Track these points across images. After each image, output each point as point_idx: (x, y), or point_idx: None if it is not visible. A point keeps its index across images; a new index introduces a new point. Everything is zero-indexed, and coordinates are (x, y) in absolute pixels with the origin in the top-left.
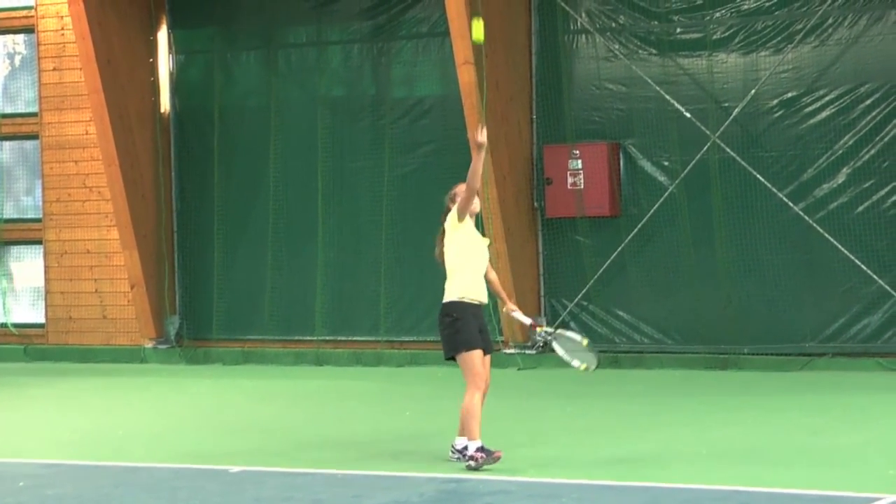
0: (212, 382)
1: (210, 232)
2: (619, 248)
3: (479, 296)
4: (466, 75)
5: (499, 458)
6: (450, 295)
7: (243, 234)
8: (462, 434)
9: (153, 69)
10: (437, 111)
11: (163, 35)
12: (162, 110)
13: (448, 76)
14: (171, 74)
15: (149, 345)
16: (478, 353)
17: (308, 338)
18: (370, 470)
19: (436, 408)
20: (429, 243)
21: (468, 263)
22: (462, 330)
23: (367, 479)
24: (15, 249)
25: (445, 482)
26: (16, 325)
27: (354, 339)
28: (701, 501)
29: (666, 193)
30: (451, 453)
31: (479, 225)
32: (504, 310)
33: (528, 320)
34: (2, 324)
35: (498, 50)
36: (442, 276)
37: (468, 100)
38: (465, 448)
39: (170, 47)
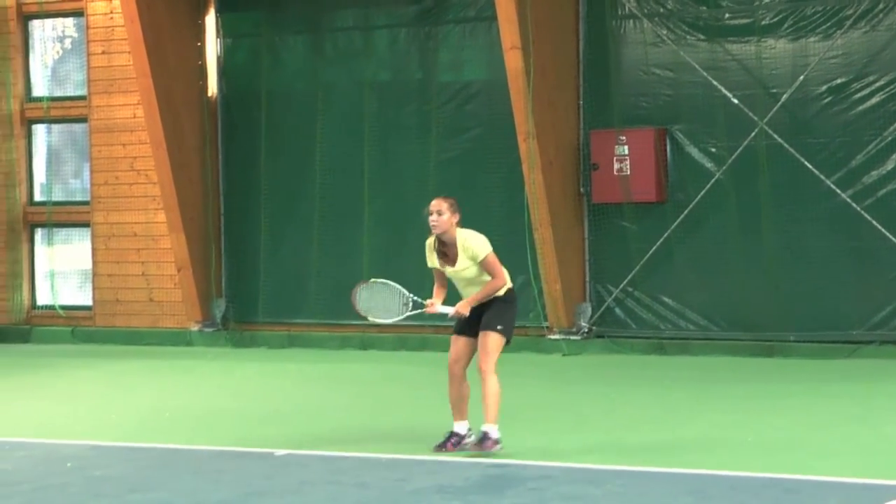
0: (257, 366)
1: (257, 215)
2: (666, 235)
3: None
4: (513, 60)
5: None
6: None
7: (290, 218)
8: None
9: (201, 53)
10: (484, 96)
11: (210, 19)
12: (209, 94)
13: (495, 61)
14: (218, 58)
15: (195, 328)
16: (454, 337)
17: (353, 322)
18: (415, 454)
19: (479, 392)
20: (475, 226)
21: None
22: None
23: (411, 464)
24: (63, 232)
25: (490, 467)
26: (63, 308)
27: (399, 323)
28: (746, 489)
29: (713, 180)
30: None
31: (526, 210)
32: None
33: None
34: (49, 305)
35: (545, 35)
36: None
37: (515, 85)
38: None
39: (217, 31)
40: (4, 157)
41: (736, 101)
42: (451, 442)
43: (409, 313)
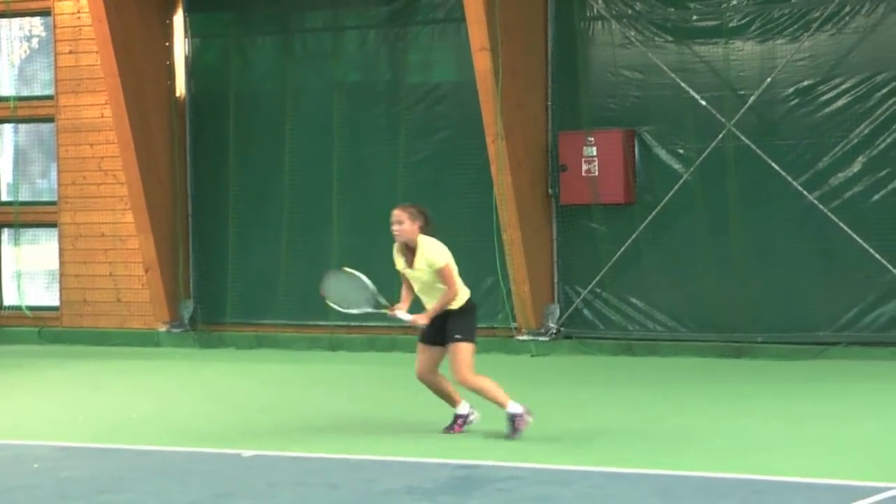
0: (225, 366)
1: (225, 216)
2: (634, 236)
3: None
4: (482, 61)
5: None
6: None
7: (258, 219)
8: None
9: (169, 53)
10: (453, 97)
11: (179, 18)
12: (178, 94)
13: (464, 62)
14: (186, 58)
15: (163, 328)
16: (421, 346)
17: (322, 323)
18: (383, 455)
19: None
20: (444, 228)
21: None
22: None
23: (380, 465)
24: (30, 232)
25: (458, 468)
26: (30, 308)
27: (369, 324)
28: (713, 490)
29: (681, 181)
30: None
31: (495, 211)
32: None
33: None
34: (16, 306)
35: (514, 36)
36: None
37: (484, 86)
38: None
39: (186, 31)
40: None
41: (704, 102)
42: (458, 423)
43: (367, 310)
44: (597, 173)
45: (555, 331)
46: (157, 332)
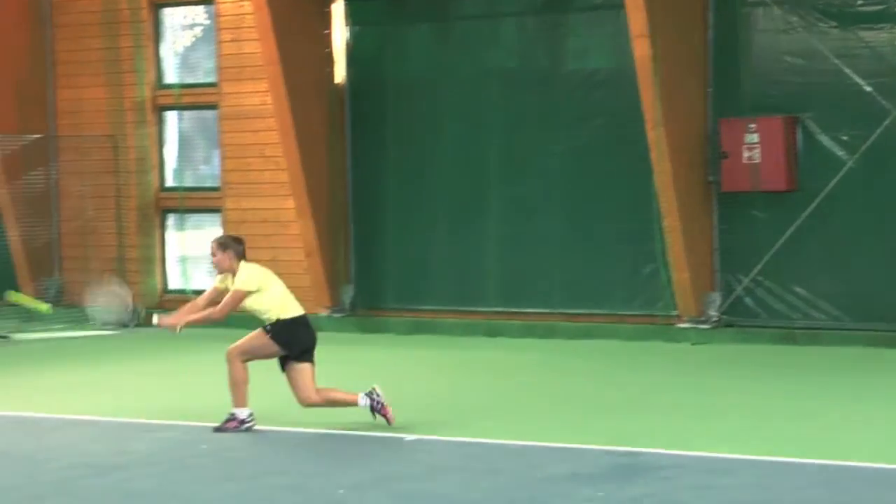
0: (385, 351)
1: (384, 201)
2: (796, 224)
3: None
4: (641, 48)
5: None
6: None
7: (417, 204)
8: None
9: (328, 41)
10: (611, 84)
11: (338, 6)
12: (337, 81)
13: (622, 49)
14: (346, 46)
15: (324, 313)
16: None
17: (480, 309)
18: (545, 441)
19: (609, 380)
20: (601, 215)
21: None
22: None
23: (542, 451)
24: (194, 217)
25: (621, 455)
26: (195, 292)
27: (527, 310)
28: (883, 481)
29: (844, 168)
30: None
31: (654, 199)
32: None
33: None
34: (181, 290)
35: (673, 22)
36: (617, 251)
37: (642, 73)
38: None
39: (345, 19)
40: (137, 144)
41: (869, 88)
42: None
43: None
44: (758, 160)
45: (716, 319)
46: (318, 317)
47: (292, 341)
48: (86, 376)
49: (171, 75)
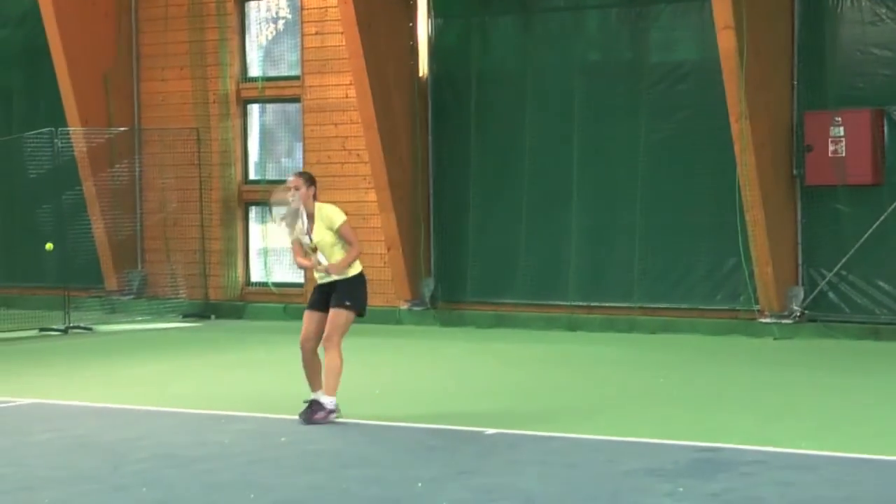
0: (465, 345)
1: (465, 195)
2: (882, 218)
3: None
4: (726, 40)
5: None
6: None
7: (498, 198)
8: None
9: (412, 33)
10: (696, 76)
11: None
12: (420, 74)
13: (707, 41)
14: (429, 38)
15: (404, 306)
16: (309, 313)
17: (561, 303)
18: (623, 436)
19: (690, 375)
20: (684, 208)
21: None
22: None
23: (620, 445)
24: (277, 210)
25: (701, 450)
26: (276, 285)
27: (607, 304)
28: None
29: None
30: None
31: (737, 192)
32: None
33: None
34: (263, 283)
35: (759, 15)
36: (699, 245)
37: (728, 65)
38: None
39: (429, 11)
40: (220, 137)
41: None
42: (316, 411)
43: (293, 234)
44: (843, 154)
45: (799, 313)
46: (398, 310)
47: (363, 301)
48: (167, 367)
49: (255, 68)
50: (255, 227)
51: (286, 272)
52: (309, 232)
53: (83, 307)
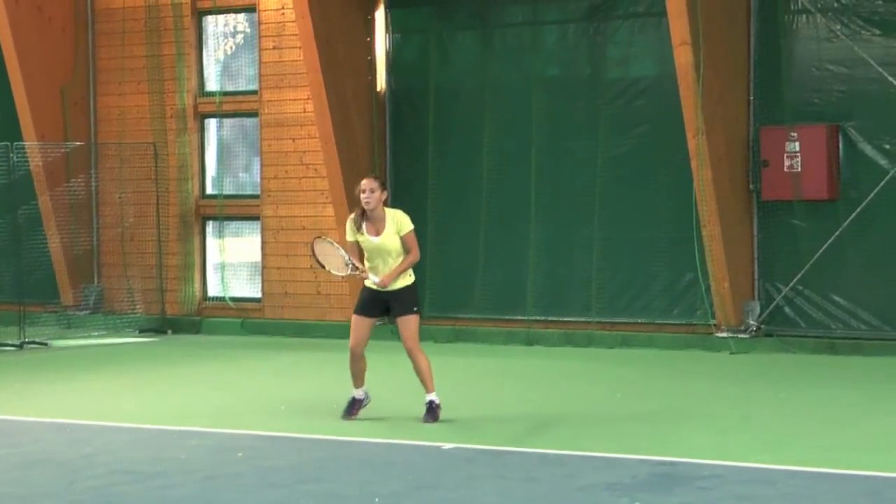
0: None
1: (423, 210)
2: (837, 233)
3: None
4: (683, 56)
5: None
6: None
7: (456, 213)
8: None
9: (370, 48)
10: (653, 92)
11: (380, 14)
12: (378, 89)
13: (664, 57)
14: (387, 53)
15: None
16: (358, 318)
17: (519, 317)
18: (582, 451)
19: (648, 390)
20: (641, 223)
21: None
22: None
23: (579, 460)
24: (233, 224)
25: (658, 464)
26: (233, 299)
27: (566, 319)
28: None
29: (887, 177)
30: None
31: (694, 207)
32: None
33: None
34: (220, 297)
35: (716, 30)
36: (656, 259)
37: (685, 81)
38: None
39: (387, 26)
40: (178, 151)
41: None
42: (356, 408)
43: (350, 273)
44: (799, 169)
45: (755, 328)
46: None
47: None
48: (123, 383)
49: (213, 83)
50: (212, 242)
51: (243, 287)
52: (378, 233)
53: (39, 322)
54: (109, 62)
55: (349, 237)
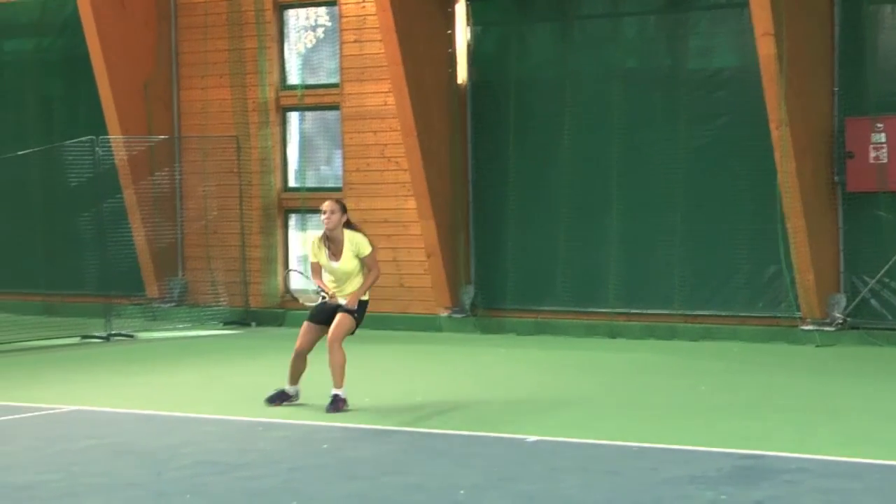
0: (505, 352)
1: (504, 202)
2: None
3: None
4: (766, 46)
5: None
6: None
7: (537, 205)
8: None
9: (450, 41)
10: (734, 83)
11: (460, 7)
12: (459, 82)
13: (746, 47)
14: (468, 46)
15: (444, 313)
16: (308, 325)
17: (601, 310)
18: (666, 443)
19: (732, 383)
20: (724, 215)
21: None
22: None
23: (662, 453)
24: (316, 217)
25: (743, 458)
26: (316, 293)
27: (648, 311)
28: None
29: None
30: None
31: (778, 199)
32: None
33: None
34: (303, 290)
35: (798, 20)
36: (738, 251)
37: (767, 71)
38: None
39: (467, 19)
40: (260, 144)
41: None
42: (282, 400)
43: (321, 301)
44: (885, 160)
45: (840, 321)
46: (438, 318)
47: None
48: (208, 375)
49: (294, 76)
50: (294, 235)
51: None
52: (337, 258)
53: (125, 314)
54: (192, 56)
55: (312, 258)
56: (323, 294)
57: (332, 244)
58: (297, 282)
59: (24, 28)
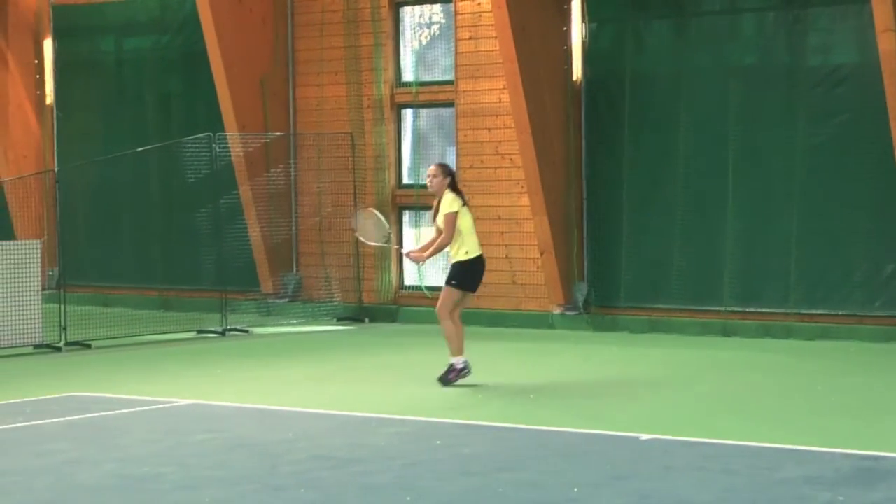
0: (619, 350)
1: (619, 199)
2: None
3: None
4: (887, 42)
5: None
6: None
7: (652, 203)
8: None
9: (566, 37)
10: (854, 80)
11: (576, 3)
12: (574, 78)
13: (866, 44)
14: (583, 42)
15: (557, 311)
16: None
17: (715, 308)
18: (782, 443)
19: (850, 383)
20: (841, 213)
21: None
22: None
23: (779, 452)
24: (429, 214)
25: (862, 459)
26: (429, 288)
27: (763, 310)
28: None
29: None
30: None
31: None
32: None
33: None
34: (416, 286)
35: None
36: (855, 250)
37: (888, 68)
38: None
39: (582, 16)
40: (375, 141)
41: None
42: (452, 374)
43: (383, 244)
44: None
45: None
46: (551, 315)
47: (465, 281)
48: (322, 370)
49: (409, 73)
50: (408, 232)
51: (439, 276)
52: (435, 215)
53: (240, 310)
54: (308, 53)
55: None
56: (389, 239)
57: (437, 204)
58: (368, 221)
59: (144, 26)
